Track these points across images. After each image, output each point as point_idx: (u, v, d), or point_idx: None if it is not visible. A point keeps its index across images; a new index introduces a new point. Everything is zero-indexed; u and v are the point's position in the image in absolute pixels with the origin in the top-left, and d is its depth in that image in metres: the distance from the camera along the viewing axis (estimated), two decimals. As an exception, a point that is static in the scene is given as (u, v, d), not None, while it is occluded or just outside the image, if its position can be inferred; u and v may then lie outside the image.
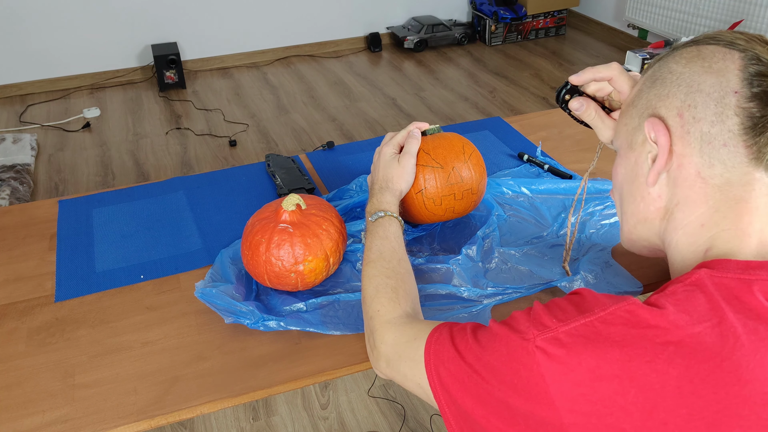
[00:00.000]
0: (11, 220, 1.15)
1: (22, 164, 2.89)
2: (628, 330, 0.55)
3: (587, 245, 1.02)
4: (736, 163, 0.61)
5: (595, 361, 0.54)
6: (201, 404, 0.80)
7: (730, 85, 0.61)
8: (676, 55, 0.67)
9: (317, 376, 0.83)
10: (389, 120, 3.33)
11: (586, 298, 0.59)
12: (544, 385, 0.55)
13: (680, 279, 0.59)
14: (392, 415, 1.76)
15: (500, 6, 4.21)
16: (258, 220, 0.92)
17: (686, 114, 0.64)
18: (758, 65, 0.61)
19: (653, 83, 0.69)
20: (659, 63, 0.70)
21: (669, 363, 0.52)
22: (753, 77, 0.60)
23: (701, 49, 0.65)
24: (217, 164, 2.97)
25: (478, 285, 0.95)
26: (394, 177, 0.95)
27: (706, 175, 0.63)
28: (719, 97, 0.62)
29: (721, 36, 0.65)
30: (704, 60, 0.64)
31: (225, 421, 1.75)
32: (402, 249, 0.88)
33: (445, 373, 0.64)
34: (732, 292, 0.56)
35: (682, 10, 3.58)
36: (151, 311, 0.94)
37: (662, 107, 0.66)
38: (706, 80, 0.63)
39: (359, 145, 1.38)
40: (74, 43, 3.70)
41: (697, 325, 0.54)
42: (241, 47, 4.06)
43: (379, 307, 0.80)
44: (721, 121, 0.61)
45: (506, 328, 0.60)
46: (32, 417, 0.79)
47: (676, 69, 0.66)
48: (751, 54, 0.62)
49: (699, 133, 0.63)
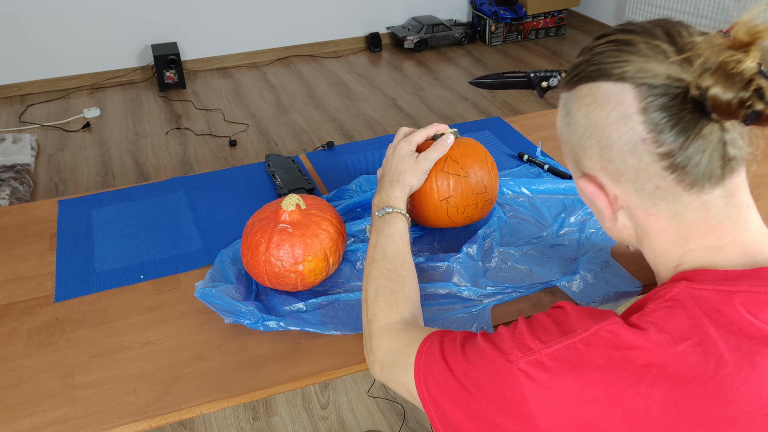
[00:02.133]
0: (11, 220, 1.15)
1: (22, 164, 2.89)
2: (610, 352, 0.54)
3: (587, 245, 1.02)
4: (677, 196, 0.59)
5: (579, 386, 0.53)
6: (201, 404, 0.80)
7: (636, 133, 0.58)
8: (577, 102, 0.63)
9: (317, 376, 0.83)
10: (389, 120, 3.33)
11: (569, 316, 0.59)
12: (528, 407, 0.55)
13: (660, 294, 0.58)
14: (392, 415, 1.76)
15: (500, 6, 4.21)
16: (258, 220, 0.92)
17: (609, 168, 0.62)
18: (654, 98, 0.56)
19: (569, 126, 0.65)
20: (565, 98, 0.66)
21: (652, 386, 0.52)
22: (654, 117, 0.56)
23: (595, 91, 0.61)
24: (217, 164, 2.97)
25: (477, 284, 0.95)
26: (407, 172, 0.93)
27: (654, 212, 0.62)
28: (631, 149, 0.59)
29: (614, 56, 0.59)
30: (601, 107, 0.60)
31: (225, 421, 1.75)
32: (406, 249, 0.87)
33: (434, 384, 0.64)
34: (713, 305, 0.55)
35: (682, 10, 3.58)
36: (151, 311, 0.94)
37: (586, 163, 0.64)
38: (611, 134, 0.60)
39: (359, 145, 1.38)
40: (74, 43, 3.70)
41: (680, 345, 0.53)
42: (241, 47, 4.06)
43: (377, 311, 0.80)
44: (644, 169, 0.59)
45: (492, 346, 0.60)
46: (32, 417, 0.79)
47: (580, 121, 0.63)
48: (644, 85, 0.57)
49: (629, 183, 0.61)
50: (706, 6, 3.41)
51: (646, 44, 0.58)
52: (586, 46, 0.64)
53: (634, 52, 0.58)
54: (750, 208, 0.61)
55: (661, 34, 0.58)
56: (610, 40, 0.61)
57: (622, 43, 0.59)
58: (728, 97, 0.53)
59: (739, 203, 0.60)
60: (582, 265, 0.97)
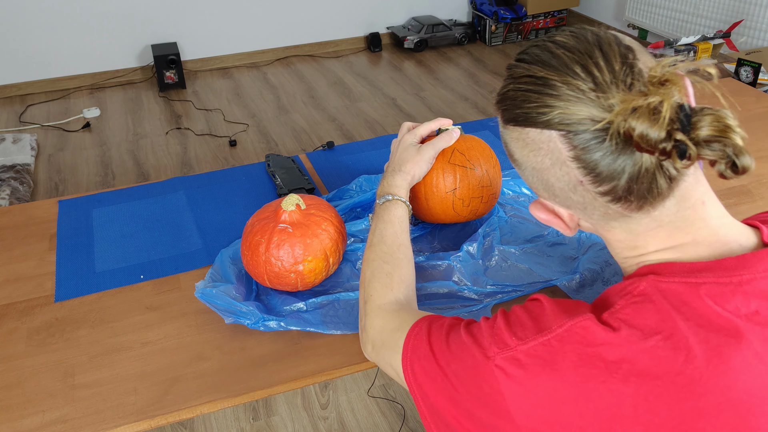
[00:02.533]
0: (11, 220, 1.15)
1: (22, 164, 2.88)
2: (583, 349, 0.55)
3: (587, 244, 1.02)
4: (627, 218, 0.60)
5: (552, 383, 0.54)
6: (201, 404, 0.80)
7: (573, 176, 0.58)
8: (512, 142, 0.63)
9: (317, 376, 0.83)
10: (389, 120, 3.33)
11: (545, 311, 0.60)
12: (504, 403, 0.56)
13: (628, 290, 0.58)
14: (392, 415, 1.76)
15: (500, 6, 4.21)
16: (258, 220, 0.92)
17: (559, 199, 0.63)
18: (582, 142, 0.56)
19: (512, 160, 0.66)
20: (501, 130, 0.66)
21: (624, 382, 0.53)
22: (586, 159, 0.56)
23: (525, 136, 0.61)
24: (217, 164, 2.97)
25: (478, 283, 0.95)
26: (409, 161, 0.94)
27: (608, 228, 0.63)
28: (572, 189, 0.59)
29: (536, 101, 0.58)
30: (533, 151, 0.60)
31: (225, 421, 1.75)
32: (404, 234, 0.89)
33: (420, 369, 0.65)
34: (680, 298, 0.55)
35: (682, 10, 3.57)
36: (151, 311, 0.94)
37: (535, 188, 0.65)
38: (550, 177, 0.60)
39: (359, 145, 1.38)
40: (74, 43, 3.70)
41: (649, 339, 0.53)
42: (241, 47, 4.06)
43: (372, 291, 0.82)
44: (589, 203, 0.60)
45: (471, 339, 0.61)
46: (32, 417, 0.78)
47: (520, 160, 0.63)
48: (570, 132, 0.56)
49: (578, 211, 0.62)
50: (706, 6, 3.41)
51: (565, 85, 0.56)
52: (510, 75, 0.62)
53: (555, 96, 0.57)
54: (706, 204, 0.59)
55: (578, 69, 0.56)
56: (529, 75, 0.59)
57: (542, 83, 0.58)
58: (655, 138, 0.52)
59: (693, 203, 0.59)
60: (582, 264, 0.97)
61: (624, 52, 0.57)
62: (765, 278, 0.55)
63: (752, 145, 1.32)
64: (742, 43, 3.23)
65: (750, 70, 2.07)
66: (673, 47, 2.34)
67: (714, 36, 2.41)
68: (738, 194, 1.16)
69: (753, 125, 1.41)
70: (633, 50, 0.57)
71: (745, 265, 0.56)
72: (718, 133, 0.52)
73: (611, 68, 0.56)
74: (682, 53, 2.34)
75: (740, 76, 2.10)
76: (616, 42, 0.58)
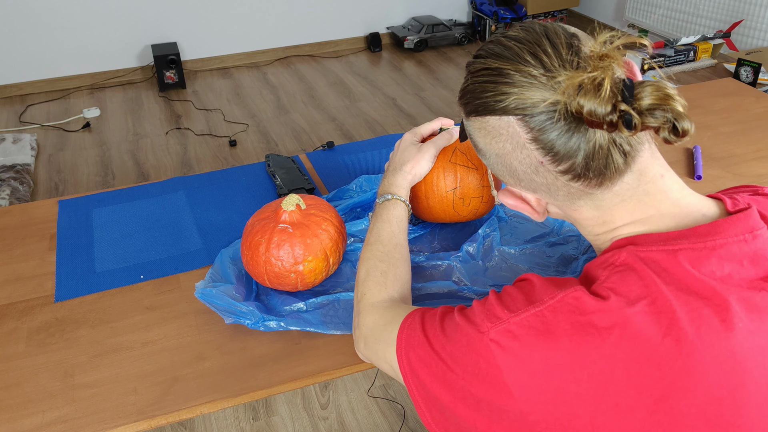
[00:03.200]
0: (11, 220, 1.15)
1: (22, 164, 2.88)
2: (576, 317, 0.57)
3: (586, 244, 1.02)
4: (590, 195, 0.63)
5: (546, 352, 0.56)
6: (201, 404, 0.80)
7: (534, 158, 0.61)
8: (475, 133, 0.66)
9: (317, 376, 0.83)
10: (389, 120, 3.33)
11: (535, 286, 0.62)
12: (501, 376, 0.57)
13: (610, 261, 0.61)
14: (392, 415, 1.76)
15: (500, 6, 4.21)
16: (258, 220, 0.92)
17: (523, 183, 0.66)
18: (538, 124, 0.59)
19: (478, 151, 0.68)
20: (464, 124, 0.69)
21: (615, 347, 0.55)
22: (543, 140, 0.59)
23: (485, 125, 0.64)
24: (217, 164, 2.97)
25: (477, 283, 0.95)
26: (410, 160, 0.95)
27: (575, 207, 0.65)
28: (534, 171, 0.62)
29: (492, 90, 0.62)
30: (494, 138, 0.63)
31: (225, 421, 1.75)
32: (402, 234, 0.89)
33: (415, 358, 0.66)
34: (660, 264, 0.58)
35: (682, 10, 3.58)
36: (151, 311, 0.94)
37: (501, 176, 0.67)
38: (513, 161, 0.63)
39: (359, 145, 1.38)
40: (74, 43, 3.70)
41: (636, 305, 0.56)
42: (241, 47, 4.06)
43: (366, 290, 0.82)
44: (552, 183, 0.63)
45: (465, 319, 0.63)
46: (32, 417, 0.79)
47: (484, 149, 0.66)
48: (526, 116, 0.60)
49: (543, 193, 0.65)
50: (706, 6, 3.41)
51: (518, 73, 0.60)
52: (469, 71, 0.66)
53: (509, 83, 0.61)
54: (664, 177, 0.63)
55: (529, 57, 0.60)
56: (485, 68, 0.63)
57: (496, 73, 0.62)
58: (601, 112, 0.55)
59: (653, 177, 0.62)
60: (582, 264, 0.97)
61: (569, 39, 0.61)
62: (736, 242, 0.59)
63: (752, 145, 1.32)
64: (742, 43, 3.23)
65: (750, 70, 2.07)
66: (673, 47, 2.34)
67: (714, 36, 2.41)
68: (738, 194, 1.16)
69: (753, 125, 1.41)
70: (578, 37, 0.62)
71: (718, 231, 0.59)
72: (659, 101, 0.55)
73: (558, 53, 0.60)
74: (681, 53, 2.34)
75: (740, 76, 2.10)
76: (562, 30, 0.62)
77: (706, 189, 1.18)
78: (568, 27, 0.63)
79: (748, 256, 0.59)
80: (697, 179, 1.21)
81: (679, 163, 1.27)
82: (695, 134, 1.37)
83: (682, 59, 2.33)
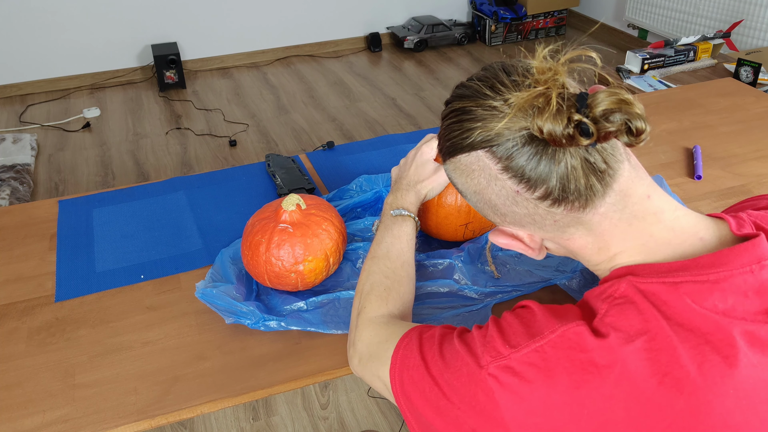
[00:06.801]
0: (11, 220, 1.15)
1: (22, 164, 2.89)
2: (576, 354, 0.55)
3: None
4: (577, 220, 0.61)
5: (546, 390, 0.55)
6: (201, 404, 0.80)
7: (508, 188, 0.61)
8: (452, 174, 0.67)
9: (317, 376, 0.83)
10: (389, 120, 3.33)
11: (536, 316, 0.60)
12: (498, 411, 0.56)
13: (609, 293, 0.59)
14: (392, 415, 1.76)
15: (500, 6, 4.21)
16: (258, 220, 0.92)
17: (508, 218, 0.64)
18: (505, 152, 0.59)
19: (456, 185, 0.68)
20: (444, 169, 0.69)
21: (615, 386, 0.53)
22: (514, 168, 0.59)
23: (458, 164, 0.64)
24: (217, 164, 2.97)
25: (478, 282, 0.95)
26: (426, 180, 0.93)
27: (567, 236, 0.64)
28: (513, 202, 0.62)
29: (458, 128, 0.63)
30: (471, 177, 0.63)
31: (225, 421, 1.75)
32: (410, 252, 0.88)
33: (408, 380, 0.65)
34: (660, 298, 0.56)
35: (682, 10, 3.58)
36: (151, 311, 0.94)
37: (485, 214, 0.67)
38: (491, 195, 0.63)
39: (359, 145, 1.38)
40: (74, 43, 3.70)
41: (635, 341, 0.54)
42: (241, 47, 4.06)
43: (367, 303, 0.81)
44: (534, 213, 0.62)
45: (465, 348, 0.61)
46: (32, 417, 0.79)
47: (464, 190, 0.66)
48: (492, 147, 0.60)
49: (530, 225, 0.64)
50: (706, 6, 3.42)
51: (479, 107, 0.61)
52: (441, 120, 0.67)
53: (473, 118, 0.61)
54: (651, 198, 0.61)
55: (488, 91, 0.61)
56: (451, 111, 0.64)
57: (460, 112, 0.63)
58: (558, 129, 0.55)
59: (639, 199, 0.61)
60: (581, 264, 0.97)
61: (525, 67, 0.62)
62: (741, 274, 0.56)
63: (752, 145, 1.32)
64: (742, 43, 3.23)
65: (750, 70, 2.07)
66: (673, 47, 2.34)
67: (714, 36, 2.41)
68: (738, 194, 1.16)
69: (753, 125, 1.41)
70: (533, 66, 0.61)
71: (723, 262, 0.57)
72: (614, 105, 0.55)
73: (515, 82, 0.61)
74: (681, 53, 2.34)
75: (740, 76, 2.10)
76: (519, 63, 0.63)
77: (706, 189, 1.18)
78: (526, 61, 0.64)
79: (753, 288, 0.56)
80: (697, 179, 1.21)
81: (679, 163, 1.27)
82: (695, 134, 1.38)
83: (682, 59, 2.33)
